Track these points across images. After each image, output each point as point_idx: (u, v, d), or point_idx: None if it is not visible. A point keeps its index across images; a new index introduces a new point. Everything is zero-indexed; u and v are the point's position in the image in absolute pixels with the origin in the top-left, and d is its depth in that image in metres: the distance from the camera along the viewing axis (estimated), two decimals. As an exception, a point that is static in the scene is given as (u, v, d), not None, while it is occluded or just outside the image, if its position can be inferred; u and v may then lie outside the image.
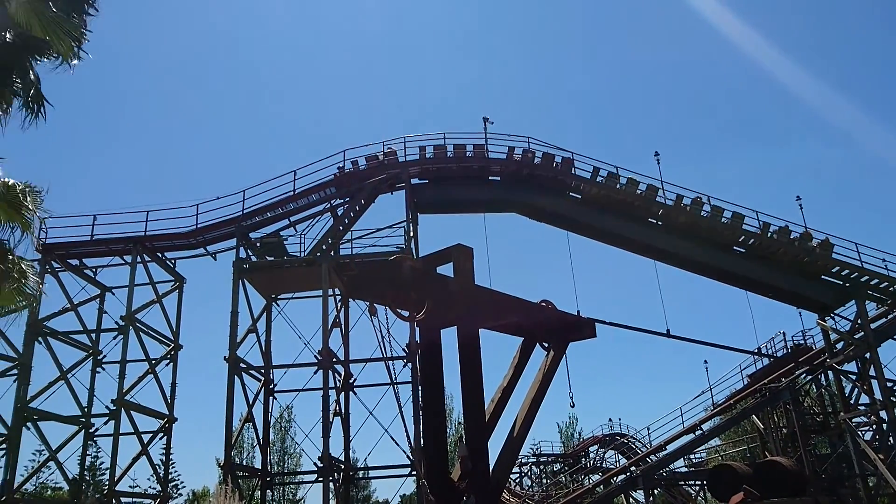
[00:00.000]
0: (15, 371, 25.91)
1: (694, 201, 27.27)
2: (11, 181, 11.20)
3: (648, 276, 63.55)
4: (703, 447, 33.59)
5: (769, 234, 27.17)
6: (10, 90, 10.57)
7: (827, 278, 27.62)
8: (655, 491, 33.43)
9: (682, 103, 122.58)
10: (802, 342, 32.71)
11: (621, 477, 32.32)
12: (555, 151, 27.51)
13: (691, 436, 30.34)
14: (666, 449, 31.31)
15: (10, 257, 11.01)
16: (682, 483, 33.95)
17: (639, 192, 27.21)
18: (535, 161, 27.29)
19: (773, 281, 27.72)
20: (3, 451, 25.32)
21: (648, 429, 36.36)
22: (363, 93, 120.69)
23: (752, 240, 27.22)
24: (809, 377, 31.22)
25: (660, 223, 27.81)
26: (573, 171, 27.30)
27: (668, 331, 26.86)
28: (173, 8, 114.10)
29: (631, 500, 37.94)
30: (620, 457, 43.60)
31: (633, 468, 32.13)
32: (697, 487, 34.12)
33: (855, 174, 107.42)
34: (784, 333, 33.26)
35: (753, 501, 15.19)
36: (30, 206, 11.15)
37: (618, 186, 27.16)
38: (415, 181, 27.39)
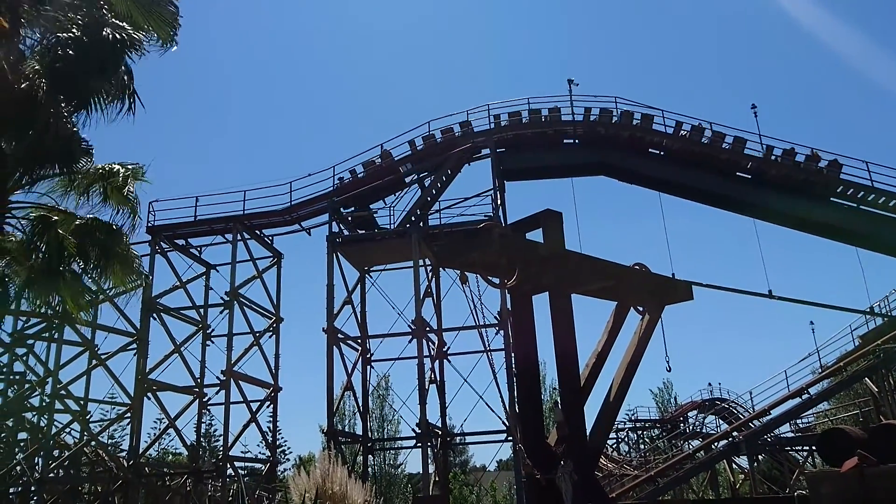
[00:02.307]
0: (134, 346, 27.82)
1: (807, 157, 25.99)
2: (117, 166, 11.83)
3: (747, 235, 60.89)
4: (810, 411, 32.11)
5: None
6: (105, 84, 11.08)
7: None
8: (760, 457, 32.33)
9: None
10: (921, 299, 30.59)
11: (723, 442, 31.47)
12: (644, 110, 26.68)
13: (798, 400, 29.09)
14: (770, 413, 30.15)
15: (124, 238, 11.70)
16: (789, 448, 32.70)
17: (726, 144, 26.20)
18: (630, 122, 26.58)
19: (885, 236, 26.01)
20: (128, 420, 27.44)
21: (751, 393, 35.07)
22: (437, 66, 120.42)
23: (860, 192, 25.61)
24: (930, 336, 29.20)
25: (756, 178, 26.60)
26: (664, 129, 26.41)
27: (769, 291, 25.78)
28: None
29: (734, 465, 36.92)
30: (721, 422, 42.42)
31: (735, 433, 31.17)
32: (805, 453, 32.77)
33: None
34: (900, 291, 31.22)
35: (869, 466, 14.39)
36: (132, 190, 11.76)
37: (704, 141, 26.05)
38: (500, 149, 27.17)
